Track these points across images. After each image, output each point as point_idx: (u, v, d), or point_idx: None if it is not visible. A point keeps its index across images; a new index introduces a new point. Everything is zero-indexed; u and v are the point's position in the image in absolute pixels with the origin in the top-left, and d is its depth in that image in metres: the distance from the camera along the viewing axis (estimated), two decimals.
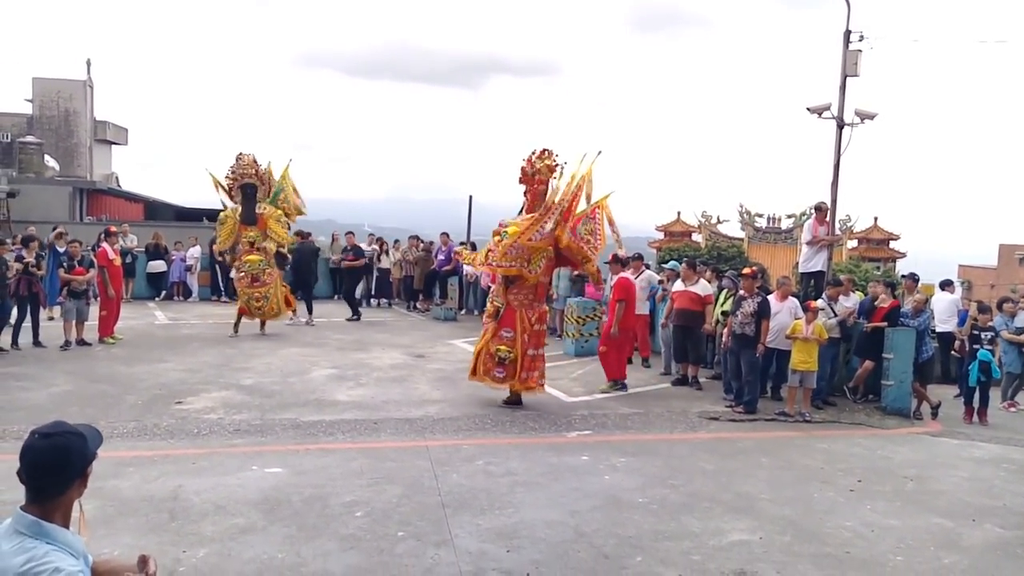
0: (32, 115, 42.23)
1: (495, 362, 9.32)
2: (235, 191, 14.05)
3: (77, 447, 2.26)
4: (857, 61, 12.48)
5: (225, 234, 14.09)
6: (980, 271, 46.18)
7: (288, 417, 8.61)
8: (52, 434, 2.23)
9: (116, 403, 8.94)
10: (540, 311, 9.47)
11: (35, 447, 2.20)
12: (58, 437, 2.23)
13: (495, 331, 9.38)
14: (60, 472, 2.23)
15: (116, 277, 13.08)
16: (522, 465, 7.17)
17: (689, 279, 11.50)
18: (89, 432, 2.37)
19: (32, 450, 2.20)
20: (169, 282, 19.29)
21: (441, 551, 5.21)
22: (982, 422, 10.46)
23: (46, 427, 2.26)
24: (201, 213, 32.47)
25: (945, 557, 5.56)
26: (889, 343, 10.36)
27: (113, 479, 6.32)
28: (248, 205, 13.99)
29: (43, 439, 2.21)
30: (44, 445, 2.20)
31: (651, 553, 5.34)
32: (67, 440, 2.24)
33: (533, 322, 9.33)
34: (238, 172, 14.02)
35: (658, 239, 49.42)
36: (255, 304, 13.81)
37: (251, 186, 14.02)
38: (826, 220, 12.04)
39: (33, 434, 2.23)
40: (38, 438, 2.22)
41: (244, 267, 13.82)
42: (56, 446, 2.22)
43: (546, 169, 9.41)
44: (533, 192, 9.55)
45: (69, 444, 2.24)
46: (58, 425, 2.29)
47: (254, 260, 13.82)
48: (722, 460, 7.71)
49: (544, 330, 9.66)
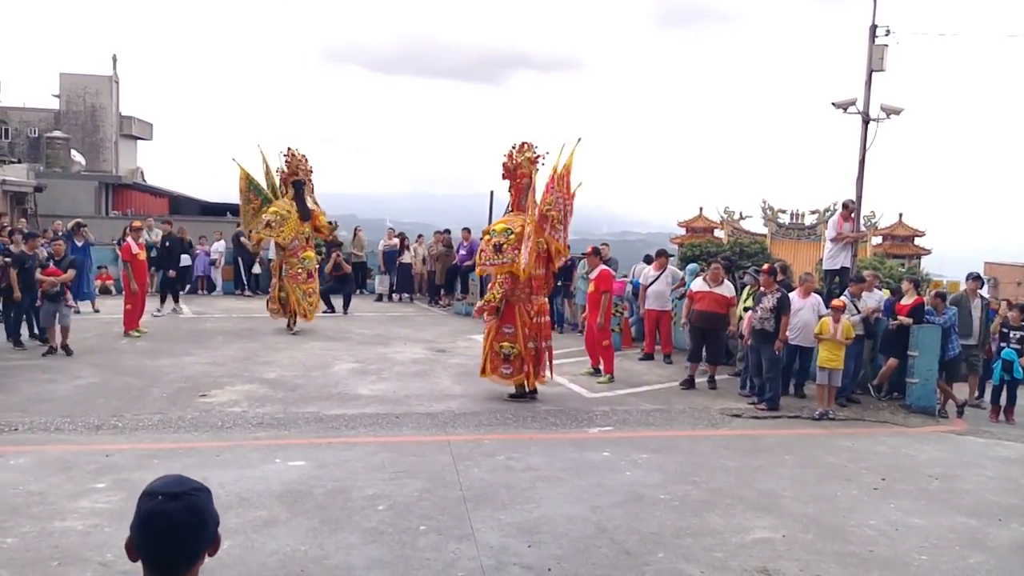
0: (59, 110, 42.78)
1: (501, 359, 9.40)
2: (288, 186, 13.94)
3: (208, 506, 1.89)
4: (883, 55, 12.35)
5: (289, 229, 13.57)
6: (1007, 268, 45.55)
7: (311, 411, 8.67)
8: (180, 494, 1.84)
9: (141, 396, 9.04)
10: (539, 304, 9.47)
11: (167, 512, 1.80)
12: (188, 496, 1.85)
13: (497, 328, 9.43)
14: (194, 540, 1.84)
15: (140, 271, 13.12)
16: (543, 460, 7.17)
17: (716, 280, 11.00)
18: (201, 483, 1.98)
19: (163, 516, 1.80)
20: (194, 276, 19.46)
21: (463, 545, 5.22)
22: (1008, 421, 10.32)
23: (168, 485, 1.87)
24: (225, 208, 32.73)
25: (970, 557, 5.49)
26: (914, 340, 10.24)
27: (138, 471, 6.39)
28: (302, 201, 13.84)
29: (172, 501, 1.82)
30: (176, 508, 1.81)
31: (673, 550, 5.32)
32: (199, 499, 1.87)
33: (532, 315, 9.36)
34: (293, 168, 13.90)
35: (680, 235, 49.14)
36: (307, 300, 13.67)
37: (302, 183, 13.94)
38: (851, 217, 11.92)
39: (155, 496, 1.82)
40: (164, 500, 1.81)
41: (304, 263, 13.71)
42: (191, 508, 1.83)
43: (527, 162, 9.39)
44: (516, 187, 9.59)
45: (200, 503, 1.87)
46: (181, 482, 1.89)
47: (311, 256, 13.96)
48: (744, 457, 7.67)
49: (546, 322, 9.67)
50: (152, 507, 1.80)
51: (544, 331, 9.55)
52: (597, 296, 10.84)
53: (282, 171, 14.01)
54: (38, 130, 41.26)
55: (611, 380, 10.75)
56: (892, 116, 12.58)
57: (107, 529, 5.25)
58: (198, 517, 1.84)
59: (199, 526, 1.84)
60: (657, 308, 12.57)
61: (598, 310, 10.76)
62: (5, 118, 39.51)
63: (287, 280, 13.62)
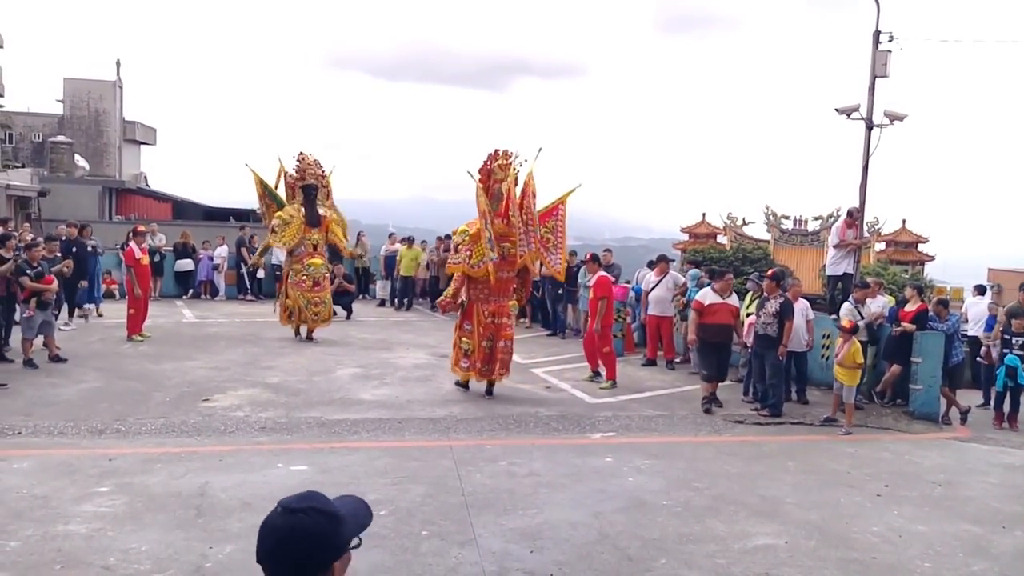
0: (63, 115, 42.90)
1: (461, 353, 9.96)
2: (296, 191, 13.52)
3: (321, 532, 1.71)
4: (887, 62, 12.37)
5: (291, 234, 13.21)
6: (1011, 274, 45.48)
7: (313, 415, 8.67)
8: (296, 510, 1.71)
9: (144, 400, 9.04)
10: (498, 305, 9.85)
11: (274, 525, 1.71)
12: (302, 515, 1.71)
13: (460, 325, 10.05)
14: (297, 560, 1.69)
15: (143, 276, 13.09)
16: (546, 466, 7.17)
17: (727, 291, 10.18)
18: (352, 507, 1.81)
19: (270, 528, 1.72)
20: (197, 281, 19.49)
21: (465, 550, 5.22)
22: (1013, 428, 10.29)
23: (293, 499, 1.75)
24: (228, 212, 32.79)
25: (974, 564, 5.47)
26: (918, 347, 10.22)
27: (141, 475, 6.41)
28: (311, 207, 13.39)
29: (285, 515, 1.71)
30: (284, 524, 1.70)
31: (675, 556, 5.31)
32: (312, 521, 1.70)
33: (486, 315, 9.78)
34: (302, 172, 13.49)
35: (683, 240, 49.14)
36: (313, 309, 13.23)
37: (313, 187, 13.46)
38: (855, 224, 11.92)
39: (277, 507, 1.74)
40: (279, 512, 1.72)
41: (308, 270, 13.24)
42: (299, 527, 1.69)
43: (499, 169, 9.71)
44: (490, 192, 9.82)
45: (311, 528, 1.70)
46: (309, 498, 1.76)
47: (318, 263, 13.40)
48: (747, 463, 7.65)
49: (504, 323, 9.91)
50: (269, 516, 1.74)
51: (500, 332, 9.84)
52: (596, 302, 10.91)
53: (290, 176, 13.66)
54: (42, 135, 41.40)
55: (613, 386, 10.74)
56: (896, 122, 12.60)
57: (110, 533, 5.26)
58: (303, 539, 1.69)
59: (303, 549, 1.68)
60: (658, 314, 12.55)
61: (597, 316, 10.83)
62: (9, 123, 39.65)
63: (291, 287, 13.33)
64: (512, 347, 10.07)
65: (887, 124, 12.58)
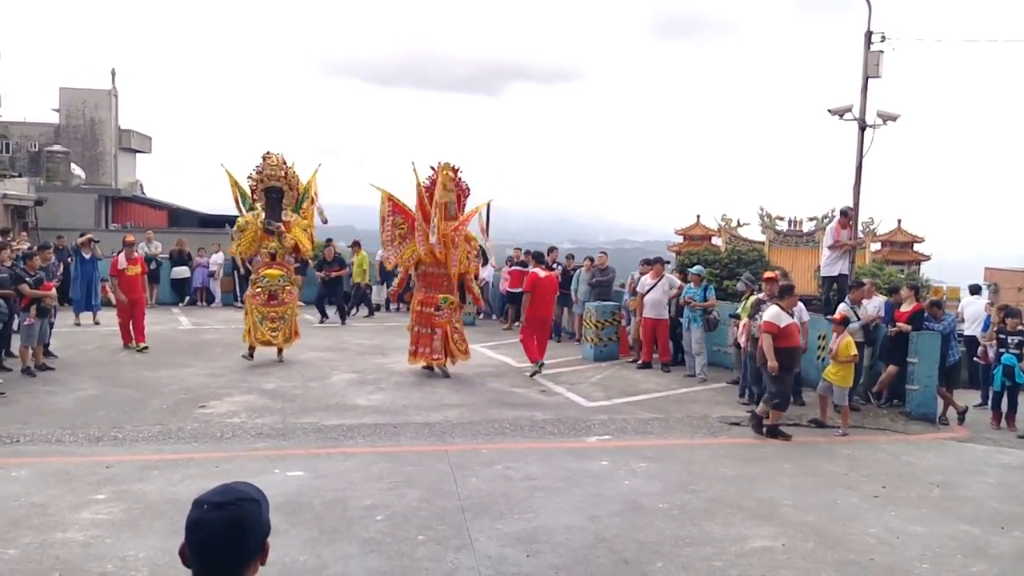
0: (59, 124, 42.93)
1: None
2: (258, 194, 12.05)
3: (253, 517, 1.89)
4: (879, 62, 12.41)
5: (247, 242, 11.91)
6: (1007, 274, 45.56)
7: (309, 421, 8.67)
8: (225, 504, 1.86)
9: (141, 407, 9.04)
10: (423, 296, 11.52)
11: (209, 522, 1.84)
12: (232, 507, 1.86)
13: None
14: (235, 551, 1.86)
15: (130, 286, 12.67)
16: (541, 470, 7.17)
17: (792, 307, 9.19)
18: (260, 495, 1.97)
19: (205, 526, 1.84)
20: (192, 288, 19.47)
21: (461, 555, 5.22)
22: (1010, 427, 10.31)
23: (215, 494, 1.89)
24: (224, 220, 32.76)
25: (973, 565, 5.47)
26: (914, 347, 10.22)
27: (138, 482, 6.40)
28: (272, 211, 11.97)
29: (215, 510, 1.85)
30: (218, 518, 1.84)
31: (672, 559, 5.31)
32: (242, 510, 1.87)
33: (417, 304, 11.60)
34: (264, 173, 11.99)
35: (677, 243, 49.19)
36: (269, 325, 11.71)
37: (276, 190, 12.01)
38: (849, 224, 11.94)
39: (201, 504, 1.87)
40: (208, 509, 1.85)
41: (261, 282, 11.81)
42: (233, 519, 1.85)
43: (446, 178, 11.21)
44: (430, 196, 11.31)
45: (244, 514, 1.87)
46: (228, 491, 1.91)
47: (273, 275, 11.81)
48: (743, 466, 7.66)
49: (428, 313, 11.39)
50: (196, 516, 1.85)
51: (425, 320, 11.40)
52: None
53: (251, 178, 12.10)
54: (38, 144, 41.40)
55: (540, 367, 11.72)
56: (889, 122, 12.64)
57: (108, 540, 5.25)
58: (239, 529, 1.85)
59: (240, 538, 1.85)
60: (653, 317, 12.49)
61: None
62: (6, 132, 39.65)
63: (247, 299, 12.12)
64: (446, 336, 11.27)
65: (880, 124, 12.61)
